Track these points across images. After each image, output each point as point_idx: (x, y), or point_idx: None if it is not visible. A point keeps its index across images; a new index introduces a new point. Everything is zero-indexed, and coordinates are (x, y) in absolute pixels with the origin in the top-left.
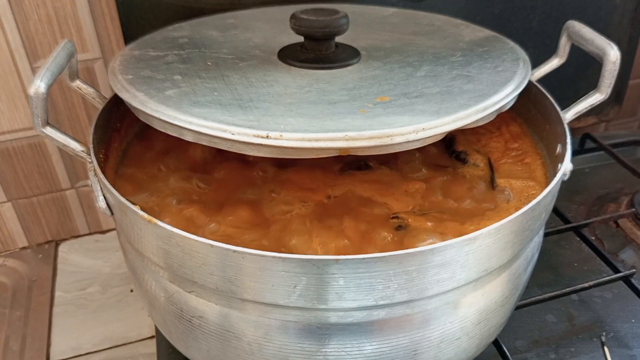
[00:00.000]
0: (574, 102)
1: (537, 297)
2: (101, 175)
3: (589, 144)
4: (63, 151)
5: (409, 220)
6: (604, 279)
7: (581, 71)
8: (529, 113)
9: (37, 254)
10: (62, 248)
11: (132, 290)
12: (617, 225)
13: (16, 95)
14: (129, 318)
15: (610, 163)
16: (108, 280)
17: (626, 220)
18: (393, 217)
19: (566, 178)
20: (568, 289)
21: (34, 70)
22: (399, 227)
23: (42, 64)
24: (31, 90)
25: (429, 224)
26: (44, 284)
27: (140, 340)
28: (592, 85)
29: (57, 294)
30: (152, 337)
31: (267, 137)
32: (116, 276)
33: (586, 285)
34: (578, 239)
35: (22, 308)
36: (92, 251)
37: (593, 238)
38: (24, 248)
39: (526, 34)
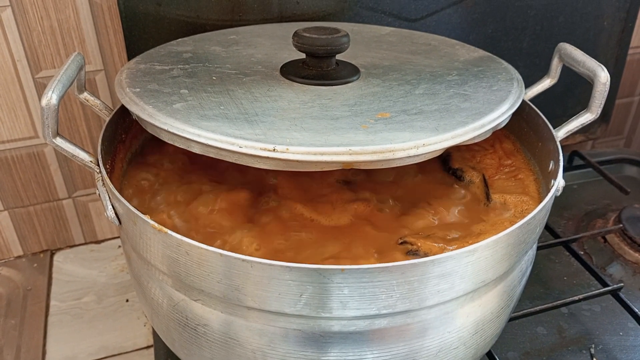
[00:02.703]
0: (562, 119)
1: (529, 310)
2: (111, 186)
3: (577, 161)
4: (61, 161)
5: (419, 244)
6: (593, 292)
7: (569, 90)
8: (521, 131)
9: (32, 263)
10: (58, 257)
11: (127, 300)
12: (605, 240)
13: (17, 105)
14: (124, 328)
15: (598, 180)
16: (103, 290)
17: (614, 235)
18: (402, 243)
19: (559, 194)
20: (558, 302)
21: (35, 81)
22: (410, 252)
23: (48, 75)
24: (43, 102)
25: (437, 245)
26: (39, 293)
27: (136, 350)
28: (579, 103)
29: (52, 303)
30: (147, 347)
31: (274, 150)
32: (111, 286)
33: (576, 298)
34: (567, 253)
35: (17, 317)
36: (87, 261)
37: (582, 253)
38: (19, 257)
39: (517, 54)
